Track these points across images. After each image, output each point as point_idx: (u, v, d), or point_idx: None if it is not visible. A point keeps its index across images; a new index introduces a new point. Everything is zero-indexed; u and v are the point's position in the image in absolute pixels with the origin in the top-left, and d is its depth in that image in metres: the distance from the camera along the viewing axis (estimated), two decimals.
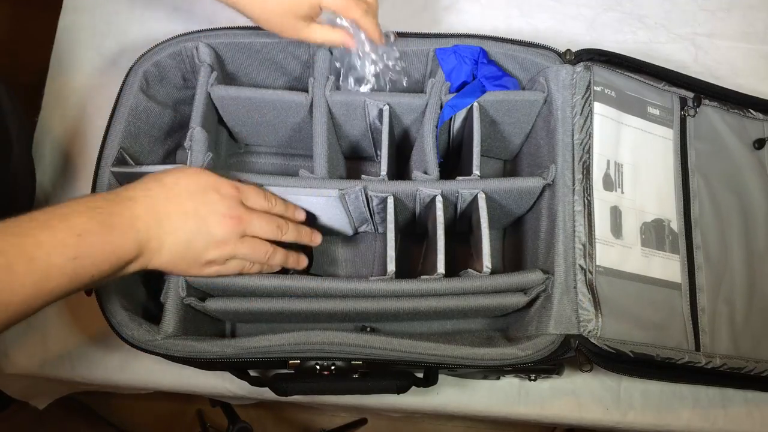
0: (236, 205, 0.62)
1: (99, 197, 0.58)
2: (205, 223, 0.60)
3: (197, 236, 0.60)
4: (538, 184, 0.72)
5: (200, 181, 0.62)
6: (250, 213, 0.64)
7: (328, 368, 0.67)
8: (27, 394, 0.92)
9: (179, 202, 0.59)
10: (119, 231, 0.55)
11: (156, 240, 0.58)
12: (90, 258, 0.53)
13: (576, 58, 0.75)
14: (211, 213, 0.61)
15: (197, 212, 0.60)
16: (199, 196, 0.61)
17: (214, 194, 0.61)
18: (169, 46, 0.75)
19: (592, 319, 0.67)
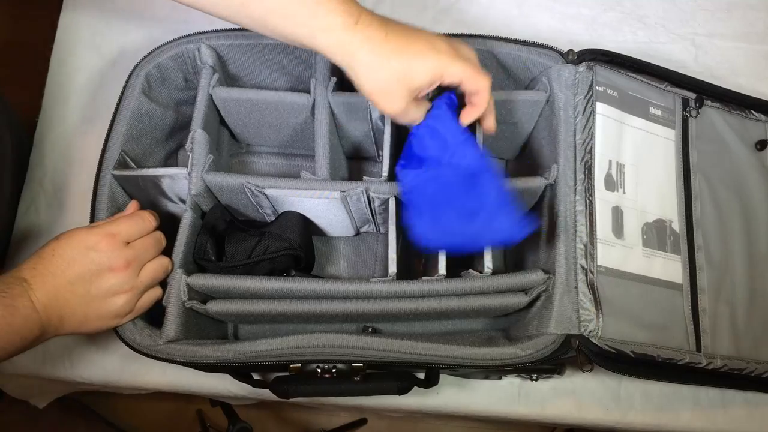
0: (118, 251, 0.62)
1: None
2: (96, 284, 0.61)
3: (93, 299, 0.61)
4: (539, 184, 0.72)
5: (74, 245, 0.61)
6: (134, 249, 0.63)
7: (329, 371, 0.67)
8: (27, 393, 0.92)
9: (62, 273, 0.59)
10: (21, 315, 0.56)
11: (55, 316, 0.59)
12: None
13: (578, 58, 0.75)
14: (98, 273, 0.61)
15: (83, 278, 0.60)
16: (78, 261, 0.60)
17: (92, 252, 0.61)
18: (170, 48, 0.75)
19: (593, 319, 0.67)
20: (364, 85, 0.59)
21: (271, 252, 0.71)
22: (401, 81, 0.58)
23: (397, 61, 0.58)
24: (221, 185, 0.69)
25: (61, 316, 0.59)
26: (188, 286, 0.65)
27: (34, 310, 0.57)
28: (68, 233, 0.62)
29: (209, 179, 0.68)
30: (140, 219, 0.66)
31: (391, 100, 0.59)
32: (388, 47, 0.58)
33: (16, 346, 0.56)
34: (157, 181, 0.71)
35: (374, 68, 0.58)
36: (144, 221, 0.66)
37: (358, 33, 0.57)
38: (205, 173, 0.69)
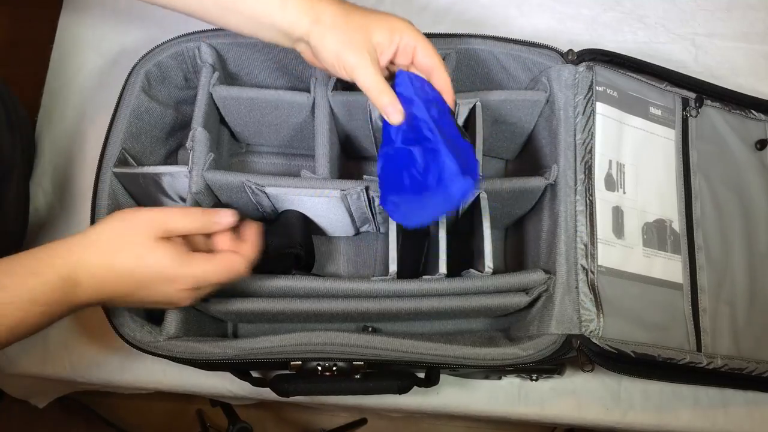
0: (191, 296, 0.59)
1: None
2: (154, 298, 0.58)
3: (145, 301, 0.58)
4: (540, 184, 0.72)
5: (156, 280, 0.56)
6: (206, 290, 0.60)
7: (330, 369, 0.67)
8: (27, 393, 0.92)
9: (127, 290, 0.56)
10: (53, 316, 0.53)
11: (96, 302, 0.56)
12: None
13: (578, 58, 0.75)
14: (162, 302, 0.59)
15: (144, 294, 0.57)
16: (151, 289, 0.56)
17: (167, 289, 0.57)
18: (170, 47, 0.75)
19: (593, 319, 0.67)
20: (321, 43, 0.59)
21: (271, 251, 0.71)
22: (363, 31, 0.60)
23: (358, 16, 0.60)
24: (222, 183, 0.69)
25: (105, 300, 0.56)
26: None
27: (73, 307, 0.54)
28: (158, 260, 0.55)
29: (210, 177, 0.68)
30: (235, 271, 0.60)
31: (355, 51, 0.59)
32: (349, 7, 0.61)
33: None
34: (157, 178, 0.71)
35: (339, 24, 0.59)
36: (238, 273, 0.60)
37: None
38: (206, 171, 0.69)
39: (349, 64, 0.59)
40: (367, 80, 0.60)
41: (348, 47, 0.59)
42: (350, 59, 0.59)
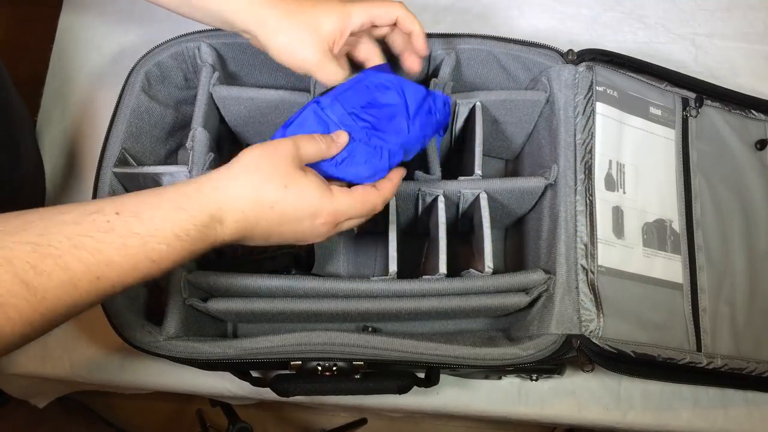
0: (331, 230, 0.57)
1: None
2: (295, 231, 0.56)
3: (286, 236, 0.56)
4: (540, 184, 0.72)
5: (301, 210, 0.54)
6: (345, 226, 0.58)
7: (330, 369, 0.67)
8: (27, 393, 0.92)
9: (269, 225, 0.54)
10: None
11: (239, 237, 0.54)
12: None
13: (578, 58, 0.75)
14: (303, 232, 0.57)
15: (286, 228, 0.55)
16: (293, 222, 0.55)
17: (310, 224, 0.55)
18: (170, 47, 0.75)
19: (593, 319, 0.67)
20: (274, 41, 0.60)
21: (271, 251, 0.71)
22: (311, 29, 0.60)
23: (303, 12, 0.60)
24: None
25: (245, 237, 0.54)
26: (188, 283, 0.65)
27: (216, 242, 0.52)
28: (303, 190, 0.53)
29: None
30: (371, 206, 0.58)
31: (304, 52, 0.60)
32: (291, 5, 0.60)
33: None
34: (157, 178, 0.71)
35: (283, 23, 0.59)
36: (373, 208, 0.59)
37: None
38: (206, 171, 0.69)
39: (309, 69, 0.61)
40: (330, 79, 0.62)
41: (301, 51, 0.60)
42: (306, 65, 0.61)
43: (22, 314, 0.41)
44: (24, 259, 0.42)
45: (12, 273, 0.41)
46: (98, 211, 0.46)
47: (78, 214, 0.46)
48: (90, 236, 0.45)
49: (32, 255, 0.42)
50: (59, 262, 0.43)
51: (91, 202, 0.48)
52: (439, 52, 0.76)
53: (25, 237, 0.43)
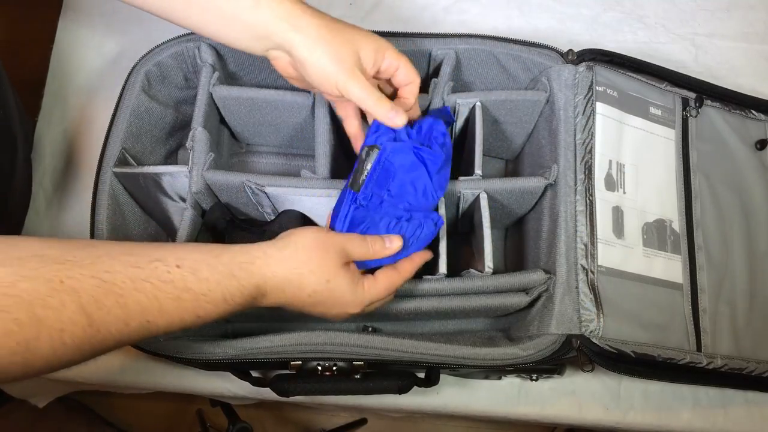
0: (359, 311, 0.61)
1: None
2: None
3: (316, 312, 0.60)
4: (540, 184, 0.72)
5: (335, 302, 0.59)
6: (372, 307, 0.62)
7: (330, 369, 0.67)
8: (27, 393, 0.92)
9: (304, 304, 0.58)
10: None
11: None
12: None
13: (578, 58, 0.75)
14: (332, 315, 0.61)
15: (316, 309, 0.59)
16: (328, 305, 0.59)
17: (342, 309, 0.60)
18: (170, 47, 0.75)
19: (593, 319, 0.67)
20: (314, 50, 0.58)
21: None
22: (350, 45, 0.59)
23: (344, 31, 0.59)
24: (222, 183, 0.69)
25: (280, 307, 0.58)
26: None
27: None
28: (340, 285, 0.58)
29: (210, 177, 0.69)
30: (394, 290, 0.63)
31: (342, 66, 0.58)
32: (331, 21, 0.59)
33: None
34: (157, 178, 0.71)
35: (324, 34, 0.58)
36: (395, 290, 0.63)
37: (304, 6, 0.58)
38: (206, 171, 0.69)
39: (342, 80, 0.59)
40: (363, 94, 0.59)
41: (339, 64, 0.58)
42: (342, 76, 0.59)
43: (75, 341, 0.44)
44: (90, 292, 0.44)
45: (77, 303, 0.44)
46: (160, 259, 0.49)
47: (141, 257, 0.49)
48: (150, 282, 0.48)
49: (97, 290, 0.45)
50: (119, 300, 0.46)
51: (154, 247, 0.51)
52: (439, 52, 0.76)
53: (93, 271, 0.45)
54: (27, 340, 0.41)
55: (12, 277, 0.42)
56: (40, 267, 0.43)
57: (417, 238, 0.63)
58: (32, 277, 0.43)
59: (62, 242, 0.48)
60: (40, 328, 0.42)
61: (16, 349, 0.41)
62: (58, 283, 0.43)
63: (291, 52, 0.59)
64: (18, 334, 0.41)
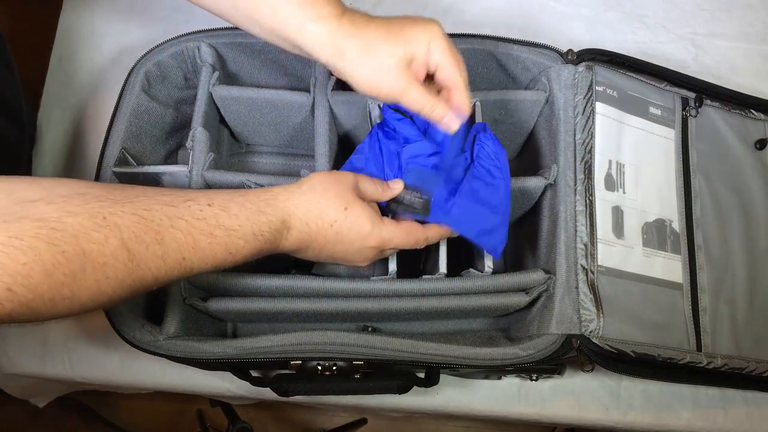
0: (377, 255, 0.63)
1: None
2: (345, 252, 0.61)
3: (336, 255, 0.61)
4: (539, 184, 0.72)
5: (354, 233, 0.59)
6: (389, 252, 0.64)
7: (330, 368, 0.67)
8: (27, 393, 0.92)
9: (326, 243, 0.59)
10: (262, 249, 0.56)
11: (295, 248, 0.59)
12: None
13: (578, 58, 0.75)
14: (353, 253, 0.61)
15: (336, 248, 0.60)
16: (346, 243, 0.60)
17: (360, 247, 0.60)
18: (170, 46, 0.75)
19: (593, 319, 0.67)
20: (357, 73, 0.58)
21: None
22: (394, 57, 0.58)
23: (386, 40, 0.58)
24: (221, 183, 0.69)
25: (302, 248, 0.59)
26: (188, 283, 0.65)
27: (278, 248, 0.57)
28: (359, 215, 0.59)
29: (209, 177, 0.69)
30: (414, 240, 0.63)
31: (389, 81, 0.58)
32: (374, 27, 0.58)
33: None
34: (157, 178, 0.71)
35: (364, 55, 0.58)
36: (416, 243, 0.63)
37: (345, 20, 0.57)
38: (206, 171, 0.69)
39: (396, 93, 0.59)
40: (417, 101, 0.60)
41: (386, 77, 0.58)
42: (395, 89, 0.59)
43: (118, 275, 0.46)
44: (131, 228, 0.46)
45: (119, 238, 0.45)
46: (193, 199, 0.51)
47: (175, 197, 0.51)
48: (185, 219, 0.50)
49: (137, 226, 0.47)
50: (157, 237, 0.48)
51: (185, 191, 0.53)
52: None
53: (133, 208, 0.47)
54: (74, 272, 0.43)
55: (58, 213, 0.43)
56: (83, 204, 0.45)
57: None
58: (77, 212, 0.44)
59: (103, 184, 0.50)
60: (85, 261, 0.43)
61: (64, 281, 0.42)
62: (101, 219, 0.45)
63: (339, 73, 0.60)
64: (65, 266, 0.42)
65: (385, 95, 0.60)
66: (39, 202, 0.44)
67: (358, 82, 0.59)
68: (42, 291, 0.42)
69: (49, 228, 0.42)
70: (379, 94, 0.60)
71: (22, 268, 0.40)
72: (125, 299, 0.48)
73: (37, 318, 0.43)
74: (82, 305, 0.45)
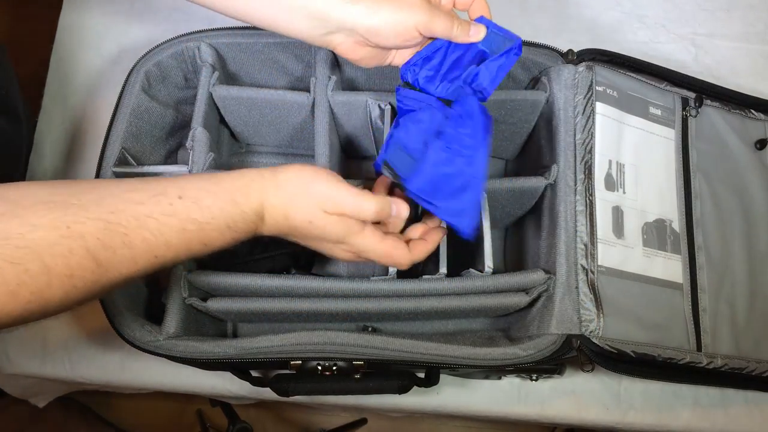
0: (356, 258, 0.60)
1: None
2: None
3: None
4: (539, 184, 0.72)
5: (335, 235, 0.57)
6: (368, 259, 0.60)
7: (330, 368, 0.67)
8: (27, 393, 0.92)
9: (303, 235, 0.57)
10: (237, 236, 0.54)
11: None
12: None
13: (578, 58, 0.75)
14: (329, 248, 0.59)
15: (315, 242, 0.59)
16: (326, 241, 0.58)
17: (341, 248, 0.58)
18: (170, 46, 0.75)
19: (593, 319, 0.67)
20: (377, 18, 0.56)
21: (271, 250, 0.71)
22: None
23: None
24: None
25: (283, 236, 0.58)
26: (188, 282, 0.65)
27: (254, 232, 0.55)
28: (333, 221, 0.56)
29: None
30: (392, 262, 0.61)
31: (412, 13, 0.57)
32: None
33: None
34: None
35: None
36: (395, 265, 0.61)
37: None
38: (206, 171, 0.69)
39: (423, 22, 0.57)
40: (446, 26, 0.59)
41: (411, 10, 0.57)
42: (422, 18, 0.57)
43: (86, 284, 0.45)
44: (96, 235, 0.45)
45: (84, 248, 0.45)
46: (162, 192, 0.50)
47: (144, 193, 0.49)
48: (154, 218, 0.48)
49: (103, 232, 0.46)
50: (125, 240, 0.47)
51: (155, 181, 0.52)
52: None
53: (98, 213, 0.46)
54: (40, 289, 0.43)
55: (22, 228, 0.43)
56: (47, 214, 0.44)
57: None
58: (40, 225, 0.43)
59: (68, 185, 0.48)
60: (50, 276, 0.43)
61: (30, 298, 0.43)
62: (65, 229, 0.44)
63: (355, 27, 0.57)
64: (31, 284, 0.42)
65: (412, 29, 0.58)
66: (2, 217, 0.43)
67: (380, 25, 0.57)
68: (9, 310, 0.42)
69: (12, 247, 0.42)
70: (406, 29, 0.58)
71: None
72: (99, 298, 0.48)
73: (5, 329, 0.44)
74: (53, 312, 0.46)
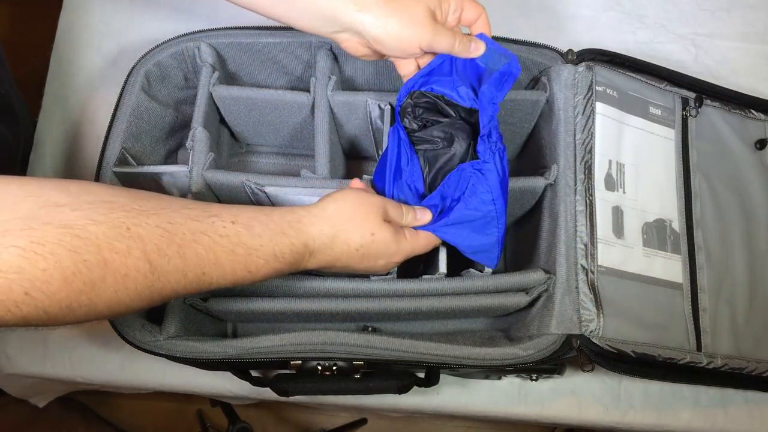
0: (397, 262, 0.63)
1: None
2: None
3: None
4: (539, 184, 0.72)
5: (380, 252, 0.60)
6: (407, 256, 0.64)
7: (330, 368, 0.67)
8: (27, 393, 0.92)
9: (349, 261, 0.59)
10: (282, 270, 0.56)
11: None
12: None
13: (578, 58, 0.75)
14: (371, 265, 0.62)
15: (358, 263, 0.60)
16: (371, 259, 0.60)
17: (383, 262, 0.61)
18: (170, 46, 0.75)
19: (593, 319, 0.67)
20: (385, 26, 0.59)
21: None
22: (421, 6, 0.59)
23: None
24: (221, 183, 0.69)
25: (326, 267, 0.60)
26: None
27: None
28: (385, 239, 0.59)
29: (210, 177, 0.69)
30: (433, 245, 0.65)
31: (418, 29, 0.59)
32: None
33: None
34: (157, 178, 0.71)
35: (392, 7, 0.59)
36: (435, 245, 0.65)
37: None
38: (206, 171, 0.69)
39: (427, 39, 0.60)
40: (449, 43, 0.61)
41: (417, 27, 0.59)
42: (425, 35, 0.60)
43: (137, 287, 0.46)
44: (154, 240, 0.46)
45: (142, 250, 0.45)
46: (217, 215, 0.51)
47: (200, 212, 0.51)
48: (208, 236, 0.50)
49: (160, 239, 0.47)
50: (180, 251, 0.48)
51: (210, 205, 0.53)
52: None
53: (157, 221, 0.47)
54: (93, 281, 0.43)
55: (83, 220, 0.43)
56: (109, 212, 0.45)
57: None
58: (101, 221, 0.44)
59: (129, 191, 0.49)
60: (106, 271, 0.43)
61: (82, 289, 0.42)
62: (125, 229, 0.45)
63: (362, 32, 0.60)
64: (85, 275, 0.42)
65: (415, 44, 0.60)
66: (65, 208, 0.43)
67: (385, 37, 0.59)
68: (60, 298, 0.42)
69: (72, 235, 0.42)
70: (410, 43, 0.60)
71: (41, 273, 0.40)
72: (142, 309, 0.48)
73: (52, 323, 0.43)
74: (99, 313, 0.45)
